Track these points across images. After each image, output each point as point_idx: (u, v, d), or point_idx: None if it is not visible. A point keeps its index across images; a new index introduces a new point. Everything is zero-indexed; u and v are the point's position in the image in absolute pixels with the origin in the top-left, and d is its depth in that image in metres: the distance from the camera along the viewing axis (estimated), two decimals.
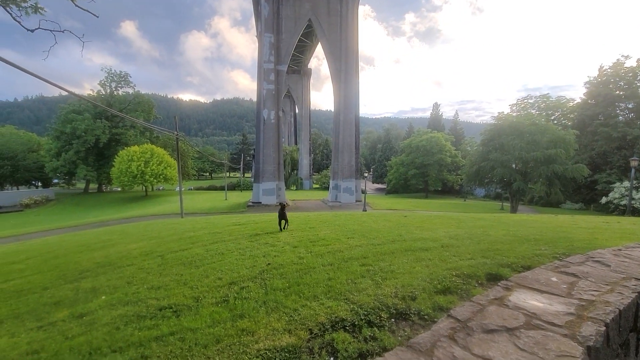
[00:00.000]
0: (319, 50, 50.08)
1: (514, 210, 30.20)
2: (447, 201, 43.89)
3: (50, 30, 7.41)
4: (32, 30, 7.17)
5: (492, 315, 1.80)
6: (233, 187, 58.46)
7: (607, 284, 2.19)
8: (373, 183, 75.45)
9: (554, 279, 2.30)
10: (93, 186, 49.25)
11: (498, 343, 1.54)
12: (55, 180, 51.70)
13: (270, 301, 3.10)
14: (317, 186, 62.94)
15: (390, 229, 6.96)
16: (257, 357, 2.16)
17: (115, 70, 47.75)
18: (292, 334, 2.53)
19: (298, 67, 60.16)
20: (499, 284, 2.17)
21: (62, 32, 7.64)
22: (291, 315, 2.80)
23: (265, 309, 2.94)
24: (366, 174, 36.38)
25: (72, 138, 40.88)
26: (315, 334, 2.45)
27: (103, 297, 3.76)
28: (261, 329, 2.55)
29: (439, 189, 53.94)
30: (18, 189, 48.85)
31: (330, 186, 35.55)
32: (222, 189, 52.00)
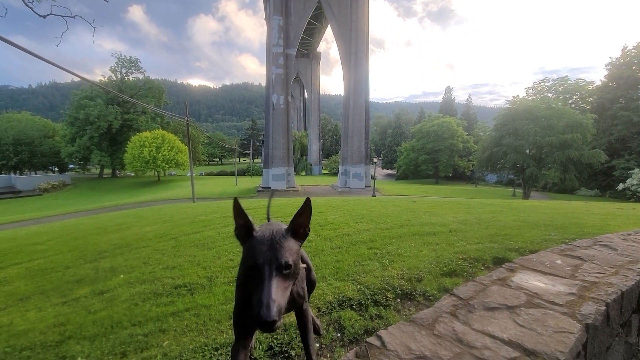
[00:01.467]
0: (328, 33, 49.10)
1: (526, 196, 29.77)
2: (457, 187, 43.51)
3: (62, 16, 7.48)
4: (44, 16, 7.24)
5: (494, 294, 1.84)
6: (243, 173, 59.06)
7: (612, 267, 2.20)
8: (383, 169, 75.00)
9: (558, 261, 2.32)
10: (107, 171, 50.40)
11: (498, 320, 1.59)
12: (71, 166, 53.03)
13: None
14: (327, 172, 63.01)
15: (399, 213, 7.01)
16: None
17: (125, 56, 47.93)
18: None
19: (307, 51, 59.21)
20: (502, 265, 2.21)
21: (73, 17, 7.71)
22: None
23: None
24: (375, 160, 36.19)
25: (85, 124, 41.63)
26: (324, 311, 2.55)
27: (121, 276, 3.95)
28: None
29: (450, 175, 53.38)
30: (36, 174, 50.33)
31: (340, 172, 35.56)
32: (232, 174, 52.57)
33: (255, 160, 75.33)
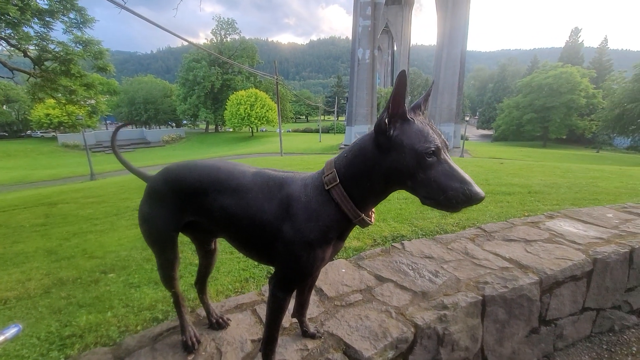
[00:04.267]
0: None
1: None
2: (571, 152, 36.89)
3: None
4: None
5: (518, 231, 2.08)
6: (327, 130, 60.54)
7: None
8: (478, 129, 67.62)
9: (609, 214, 2.31)
10: (211, 127, 57.56)
11: (509, 246, 1.88)
12: (184, 122, 62.01)
13: None
14: None
15: (479, 174, 6.80)
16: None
17: (223, 18, 51.63)
18: (359, 241, 3.22)
19: None
20: (544, 213, 2.33)
21: None
22: (361, 230, 3.48)
23: None
24: (467, 118, 32.97)
25: (194, 84, 47.54)
26: (377, 242, 3.09)
27: None
28: None
29: (563, 137, 45.16)
30: (159, 128, 60.62)
31: None
32: (316, 131, 54.52)
33: (340, 118, 75.91)
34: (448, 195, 0.84)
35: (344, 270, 1.78)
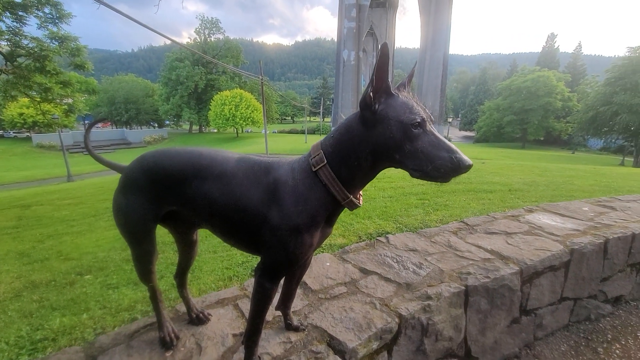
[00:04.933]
0: None
1: (638, 166, 25.07)
2: (548, 153, 38.26)
3: None
4: None
5: (499, 225, 2.13)
6: (313, 131, 60.62)
7: None
8: (460, 130, 69.19)
9: (585, 208, 2.40)
10: (195, 127, 56.57)
11: (491, 239, 1.92)
12: (167, 122, 60.70)
13: None
14: None
15: None
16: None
17: (207, 17, 50.92)
18: (345, 238, 3.22)
19: None
20: (523, 207, 2.40)
21: None
22: (346, 227, 3.48)
23: None
24: (450, 119, 33.69)
25: (177, 84, 46.62)
26: (363, 239, 3.10)
27: None
28: None
29: (541, 139, 46.80)
30: (141, 129, 59.12)
31: None
32: (302, 132, 54.48)
33: (325, 119, 76.06)
34: (436, 164, 0.84)
35: (328, 264, 1.76)
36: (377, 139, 0.89)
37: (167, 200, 1.09)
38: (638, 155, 26.51)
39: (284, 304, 1.30)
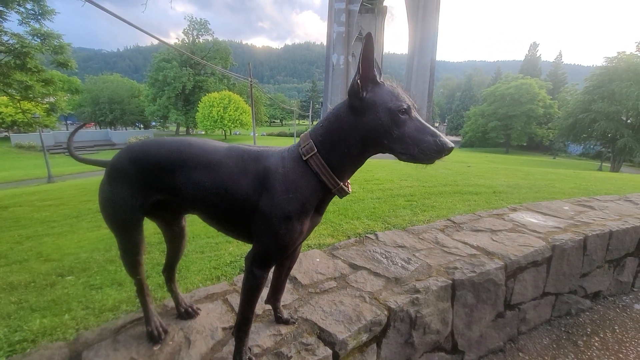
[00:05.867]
0: None
1: (614, 171, 26.07)
2: (531, 158, 39.40)
3: None
4: None
5: (485, 222, 2.19)
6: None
7: (619, 215, 2.32)
8: (446, 135, 70.42)
9: (566, 207, 2.49)
10: (182, 129, 55.74)
11: (477, 236, 1.97)
12: (153, 123, 59.61)
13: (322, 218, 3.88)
14: None
15: (447, 175, 7.07)
16: (305, 246, 2.90)
17: (196, 18, 50.50)
18: (333, 237, 3.24)
19: (372, 5, 55.39)
20: (507, 206, 2.47)
21: None
22: (335, 227, 3.50)
23: None
24: (437, 124, 34.32)
25: (164, 85, 45.92)
26: (351, 238, 3.12)
27: None
28: (311, 234, 3.30)
29: (524, 144, 48.16)
30: (126, 130, 57.86)
31: None
32: (291, 135, 54.43)
33: (314, 122, 76.16)
34: (422, 147, 0.90)
35: (318, 260, 1.77)
36: (366, 125, 0.94)
37: (155, 190, 1.09)
38: (615, 161, 27.50)
39: (274, 297, 1.30)
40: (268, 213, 0.97)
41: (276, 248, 1.00)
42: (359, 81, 0.92)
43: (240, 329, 1.09)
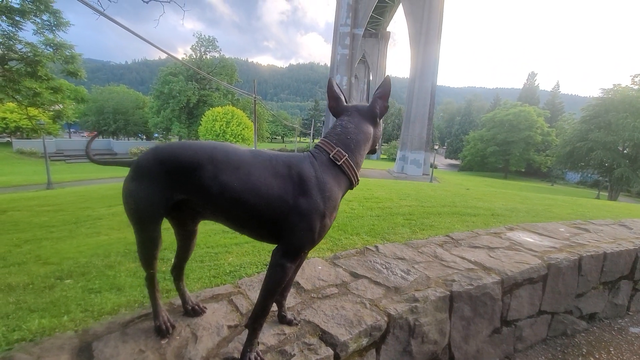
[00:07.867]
0: (399, 11, 46.95)
1: (612, 199, 26.21)
2: (529, 184, 39.63)
3: (160, 1, 8.82)
4: (147, 1, 8.63)
5: (482, 240, 2.24)
6: (302, 152, 61.07)
7: (613, 239, 2.38)
8: (446, 158, 71.09)
9: (562, 229, 2.55)
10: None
11: (474, 252, 2.02)
12: (156, 135, 60.06)
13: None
14: (385, 157, 61.87)
15: (446, 197, 7.14)
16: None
17: (204, 36, 51.95)
18: (333, 252, 3.28)
19: (375, 30, 57.37)
20: (505, 226, 2.52)
21: (169, 1, 9.02)
22: (335, 242, 3.54)
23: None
24: (436, 147, 34.73)
25: (169, 98, 46.68)
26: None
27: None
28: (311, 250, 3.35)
29: (522, 170, 48.55)
30: (129, 140, 58.27)
31: (398, 156, 34.94)
32: (292, 152, 54.85)
33: (315, 140, 76.87)
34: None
35: (320, 267, 1.81)
36: (378, 133, 1.37)
37: (180, 189, 1.14)
38: (612, 190, 27.71)
39: (281, 293, 1.36)
40: (307, 212, 1.10)
41: (310, 241, 1.13)
42: (384, 110, 1.33)
43: (257, 320, 1.15)
